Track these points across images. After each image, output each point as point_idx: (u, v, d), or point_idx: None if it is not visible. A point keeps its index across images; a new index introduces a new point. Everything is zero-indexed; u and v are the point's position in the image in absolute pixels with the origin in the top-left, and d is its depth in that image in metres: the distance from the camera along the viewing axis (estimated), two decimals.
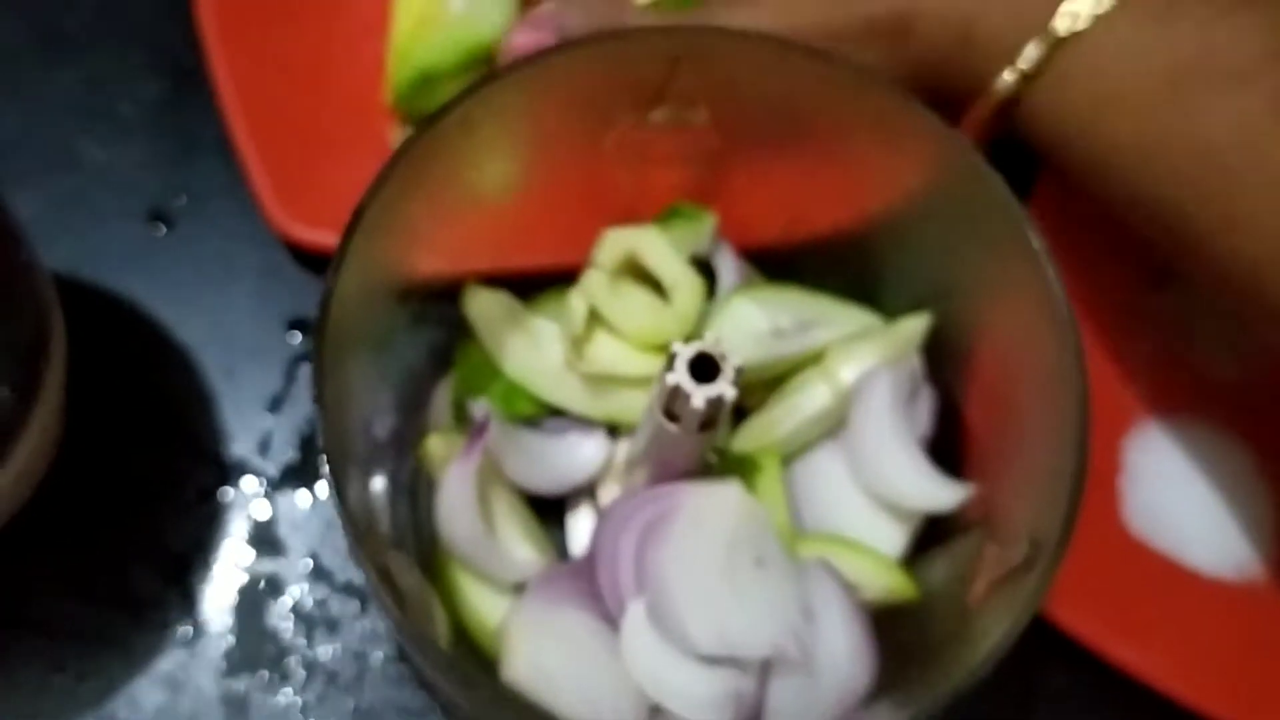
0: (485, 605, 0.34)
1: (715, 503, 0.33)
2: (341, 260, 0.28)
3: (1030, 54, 0.33)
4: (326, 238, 0.39)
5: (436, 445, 0.34)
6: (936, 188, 0.33)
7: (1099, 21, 0.33)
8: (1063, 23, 0.33)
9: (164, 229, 0.42)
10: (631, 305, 0.35)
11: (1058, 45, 0.34)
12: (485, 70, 0.41)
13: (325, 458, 0.27)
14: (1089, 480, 0.40)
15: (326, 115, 0.42)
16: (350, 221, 0.29)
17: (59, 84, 0.42)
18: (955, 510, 0.34)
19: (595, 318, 0.35)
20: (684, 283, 0.35)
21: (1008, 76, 0.34)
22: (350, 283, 0.29)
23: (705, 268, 0.37)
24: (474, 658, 0.34)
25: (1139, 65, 0.33)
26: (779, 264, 0.38)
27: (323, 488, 0.39)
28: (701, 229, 0.36)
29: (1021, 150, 0.38)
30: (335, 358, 0.29)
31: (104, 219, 0.41)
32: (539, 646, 0.32)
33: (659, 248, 0.35)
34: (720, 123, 0.34)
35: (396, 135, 0.41)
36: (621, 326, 0.35)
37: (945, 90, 0.35)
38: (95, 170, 0.41)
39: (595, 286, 0.35)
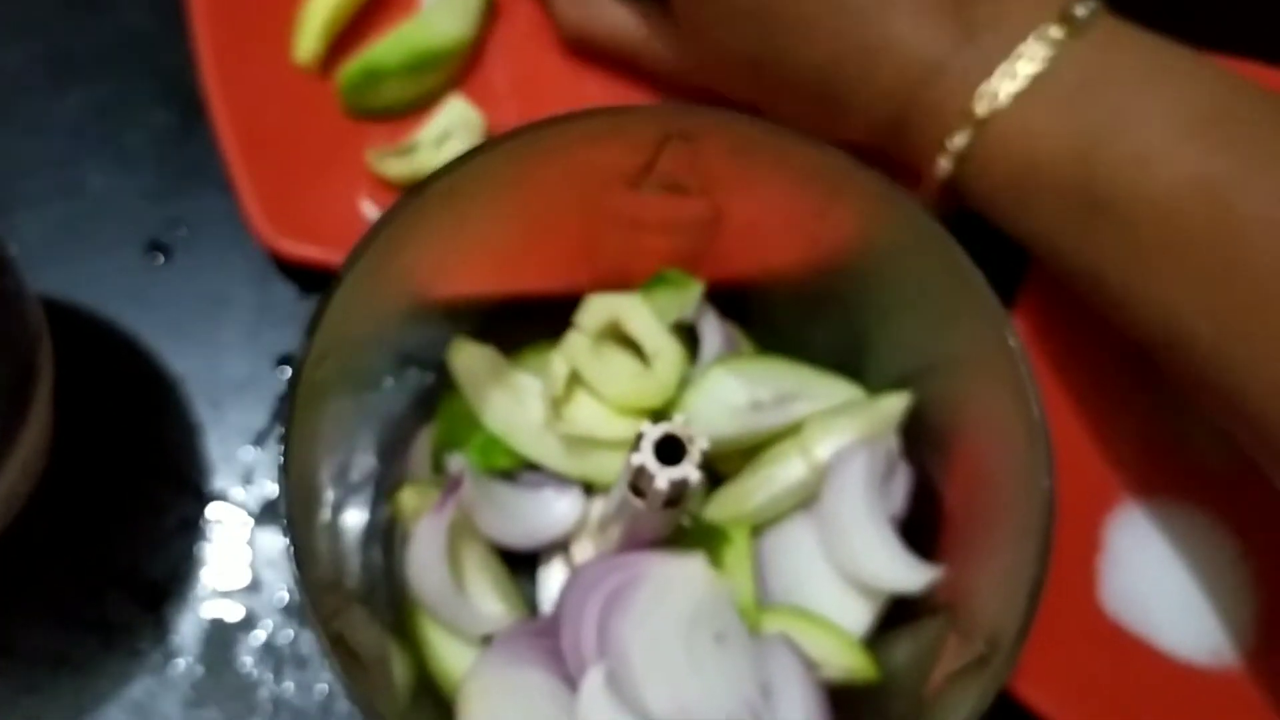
0: (452, 656, 0.35)
1: (680, 576, 0.33)
2: (316, 326, 0.29)
3: (959, 140, 0.34)
4: (313, 252, 0.40)
5: (409, 497, 0.35)
6: (917, 272, 0.33)
7: (1015, 101, 0.34)
8: (981, 105, 0.34)
9: (162, 259, 0.42)
10: (613, 370, 0.35)
11: (980, 127, 0.34)
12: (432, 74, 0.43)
13: (286, 519, 0.27)
14: (1066, 559, 0.40)
15: (316, 132, 0.42)
16: (329, 287, 0.29)
17: (66, 110, 0.43)
18: (923, 592, 0.34)
19: (576, 379, 0.35)
20: (665, 352, 0.35)
21: (944, 162, 0.34)
22: (327, 343, 0.30)
23: (691, 333, 0.37)
24: (439, 708, 0.34)
25: (1054, 145, 0.34)
26: (766, 330, 0.38)
27: None
28: (688, 296, 0.36)
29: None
30: (306, 420, 0.29)
31: (103, 246, 0.42)
32: (495, 705, 0.32)
33: (642, 316, 0.35)
34: (710, 194, 0.34)
35: (372, 156, 0.42)
36: (602, 391, 0.35)
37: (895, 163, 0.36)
38: (97, 198, 0.42)
39: (577, 349, 0.35)
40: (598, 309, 0.35)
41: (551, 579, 0.37)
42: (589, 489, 0.37)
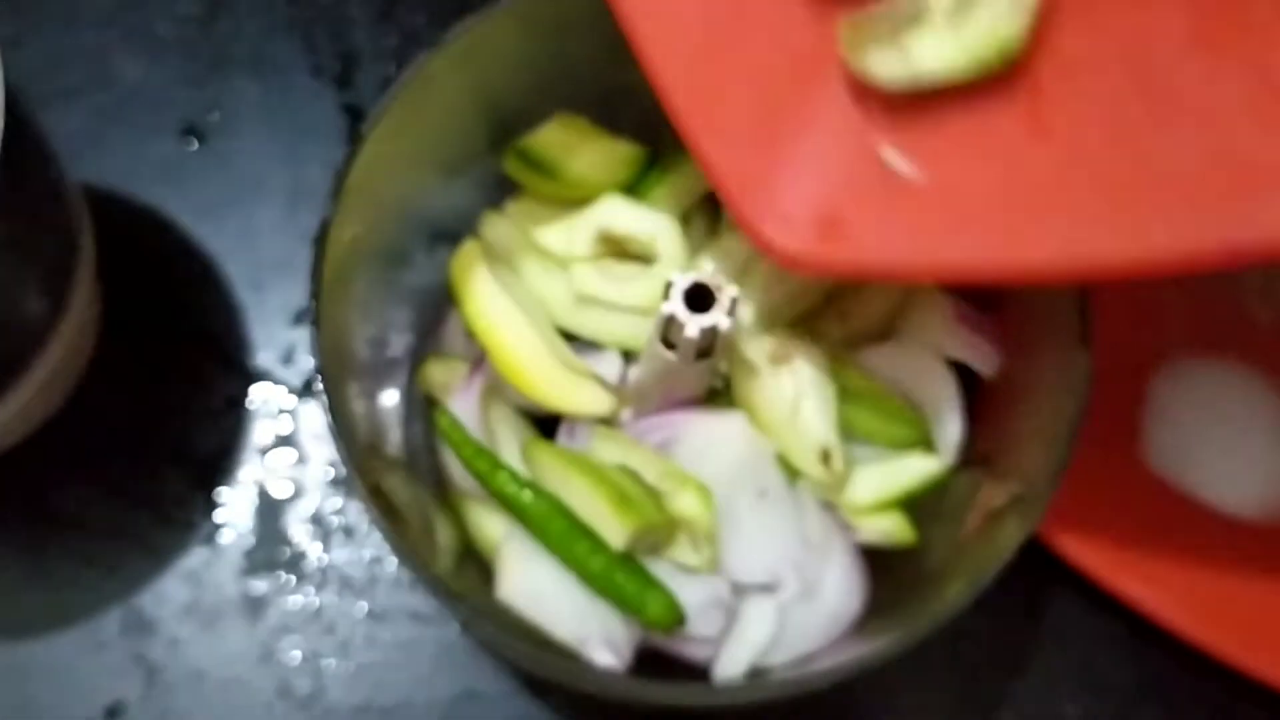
0: (490, 523, 0.35)
1: (720, 433, 0.33)
2: (340, 185, 0.29)
3: None
4: None
5: (436, 370, 0.35)
6: None
7: None
8: None
9: (196, 143, 0.42)
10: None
11: None
12: None
13: (319, 374, 0.28)
14: (1110, 414, 0.40)
15: None
16: (354, 144, 0.29)
17: (96, 2, 0.43)
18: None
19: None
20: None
21: None
22: (353, 204, 0.30)
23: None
24: (482, 572, 0.35)
25: None
26: None
27: None
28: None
29: None
30: (336, 275, 0.30)
31: (138, 134, 0.42)
32: (531, 566, 0.32)
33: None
34: None
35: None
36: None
37: None
38: (130, 86, 0.42)
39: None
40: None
41: None
42: (626, 357, 0.37)
